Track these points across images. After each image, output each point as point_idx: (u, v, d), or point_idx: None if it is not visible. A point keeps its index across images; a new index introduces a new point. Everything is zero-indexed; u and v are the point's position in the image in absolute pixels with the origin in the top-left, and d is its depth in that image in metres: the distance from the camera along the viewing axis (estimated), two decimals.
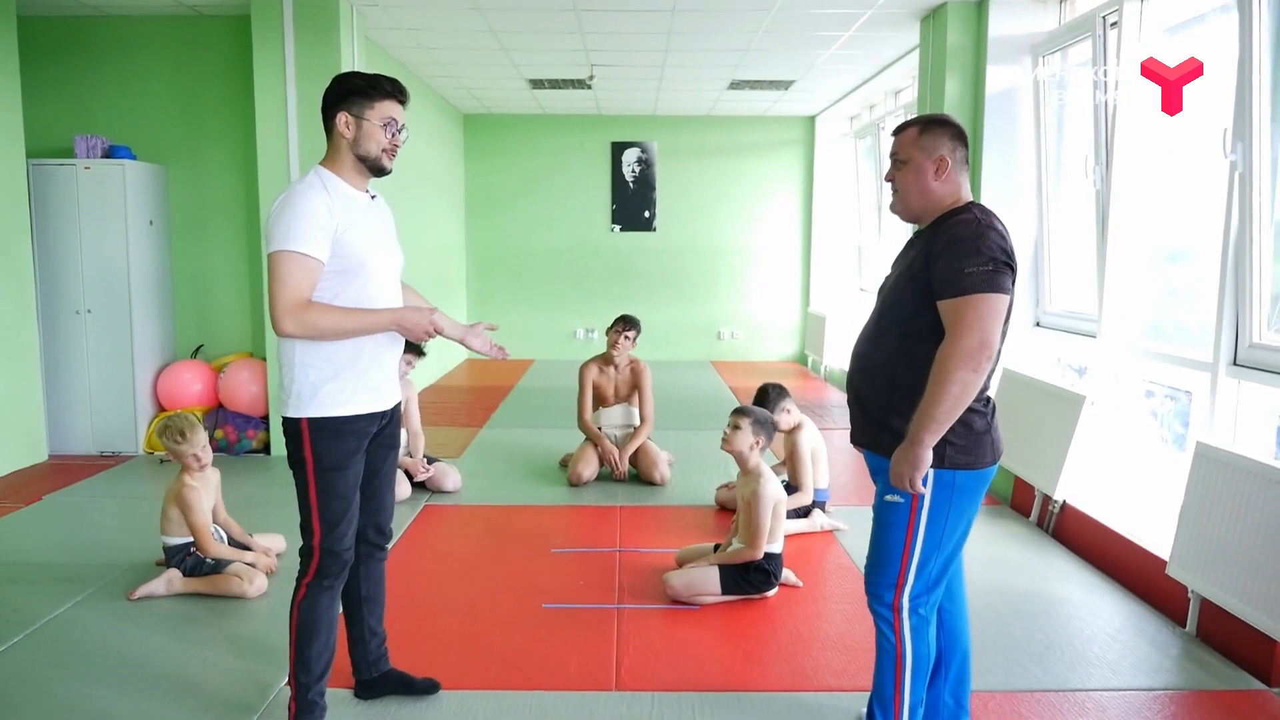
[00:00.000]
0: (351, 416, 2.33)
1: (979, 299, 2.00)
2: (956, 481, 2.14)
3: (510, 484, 5.03)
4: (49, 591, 3.39)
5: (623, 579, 3.60)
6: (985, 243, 2.03)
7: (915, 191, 2.21)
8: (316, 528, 2.34)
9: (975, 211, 2.13)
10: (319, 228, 2.21)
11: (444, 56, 6.96)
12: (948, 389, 1.99)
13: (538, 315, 10.18)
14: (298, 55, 5.27)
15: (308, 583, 2.37)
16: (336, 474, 2.32)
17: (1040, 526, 4.31)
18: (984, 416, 2.16)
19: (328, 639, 2.40)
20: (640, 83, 7.98)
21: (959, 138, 2.21)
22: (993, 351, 2.00)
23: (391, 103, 2.32)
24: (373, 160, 2.32)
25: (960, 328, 2.00)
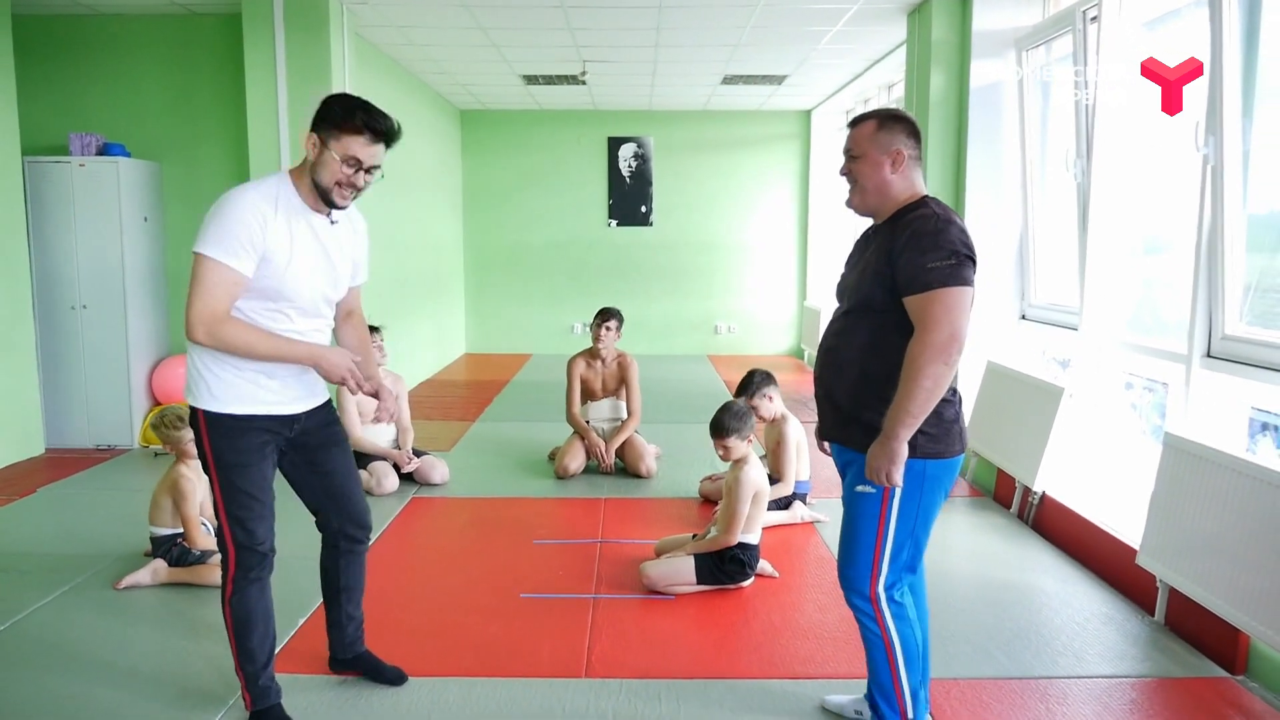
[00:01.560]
0: (248, 415, 2.28)
1: (945, 293, 2.04)
2: (927, 471, 2.18)
3: (498, 477, 5.08)
4: (38, 581, 3.46)
5: (601, 569, 3.65)
6: (946, 237, 2.07)
7: (872, 186, 2.24)
8: (225, 524, 2.32)
9: (933, 206, 2.17)
10: (248, 241, 2.15)
11: (436, 54, 7.01)
12: (920, 383, 2.03)
13: (534, 310, 10.23)
14: (288, 53, 5.32)
15: (232, 577, 2.35)
16: (239, 471, 2.29)
17: (1020, 518, 4.34)
18: (953, 406, 2.21)
19: (266, 627, 2.42)
20: (634, 78, 8.01)
21: (914, 134, 2.25)
22: (962, 344, 2.05)
23: (359, 140, 2.22)
24: (322, 190, 2.26)
25: (928, 322, 2.04)
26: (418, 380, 8.24)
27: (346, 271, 2.44)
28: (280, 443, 2.39)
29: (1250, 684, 2.78)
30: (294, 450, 2.45)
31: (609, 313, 5.23)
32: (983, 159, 5.24)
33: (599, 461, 5.08)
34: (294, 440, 2.42)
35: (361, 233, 2.53)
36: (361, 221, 2.54)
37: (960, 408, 2.24)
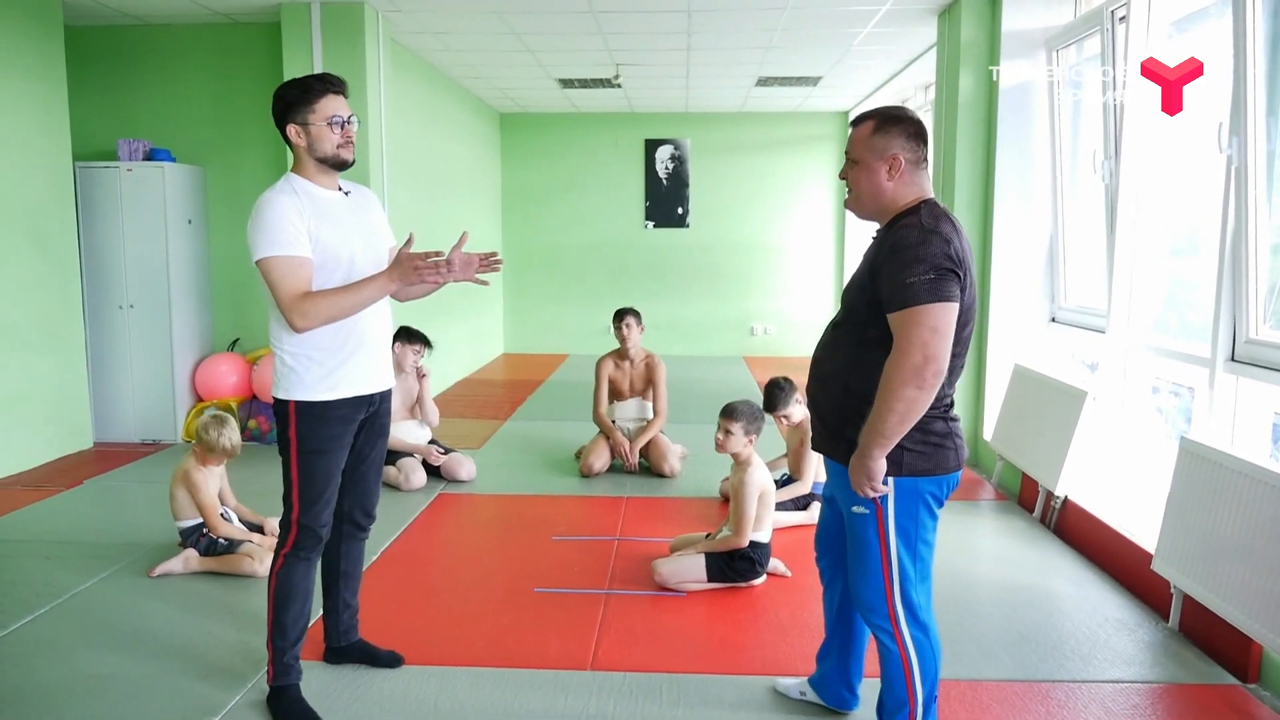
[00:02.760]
0: (337, 401, 2.45)
1: (922, 311, 1.98)
2: (919, 488, 2.15)
3: (524, 475, 5.17)
4: (79, 568, 3.63)
5: (616, 566, 3.71)
6: (928, 249, 2.00)
7: (867, 192, 2.19)
8: (296, 504, 2.49)
9: (922, 214, 2.10)
10: (293, 227, 2.33)
11: (473, 59, 7.14)
12: (892, 406, 2.00)
13: (572, 311, 10.33)
14: (325, 60, 5.48)
15: (285, 553, 2.51)
16: (318, 456, 2.46)
17: (1043, 523, 4.30)
18: (944, 420, 2.14)
19: (303, 607, 2.55)
20: (668, 81, 8.06)
21: (916, 135, 2.17)
22: (940, 366, 1.98)
23: (329, 98, 2.39)
24: (331, 159, 2.41)
25: (903, 343, 2.00)
26: (454, 380, 8.39)
27: (381, 229, 2.61)
28: (357, 428, 2.54)
29: (1262, 693, 2.75)
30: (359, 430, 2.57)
31: (624, 311, 5.31)
32: (1012, 160, 5.19)
33: (623, 460, 5.15)
34: (366, 419, 2.56)
35: (376, 202, 2.68)
36: (371, 193, 2.69)
37: (954, 423, 2.19)
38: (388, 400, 2.67)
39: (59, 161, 5.37)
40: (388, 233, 2.66)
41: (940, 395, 2.11)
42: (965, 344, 2.16)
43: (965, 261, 2.06)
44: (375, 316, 2.52)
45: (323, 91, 2.40)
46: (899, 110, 2.23)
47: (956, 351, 2.12)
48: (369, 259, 2.50)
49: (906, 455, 2.11)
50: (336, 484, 2.54)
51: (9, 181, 5.01)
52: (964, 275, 2.05)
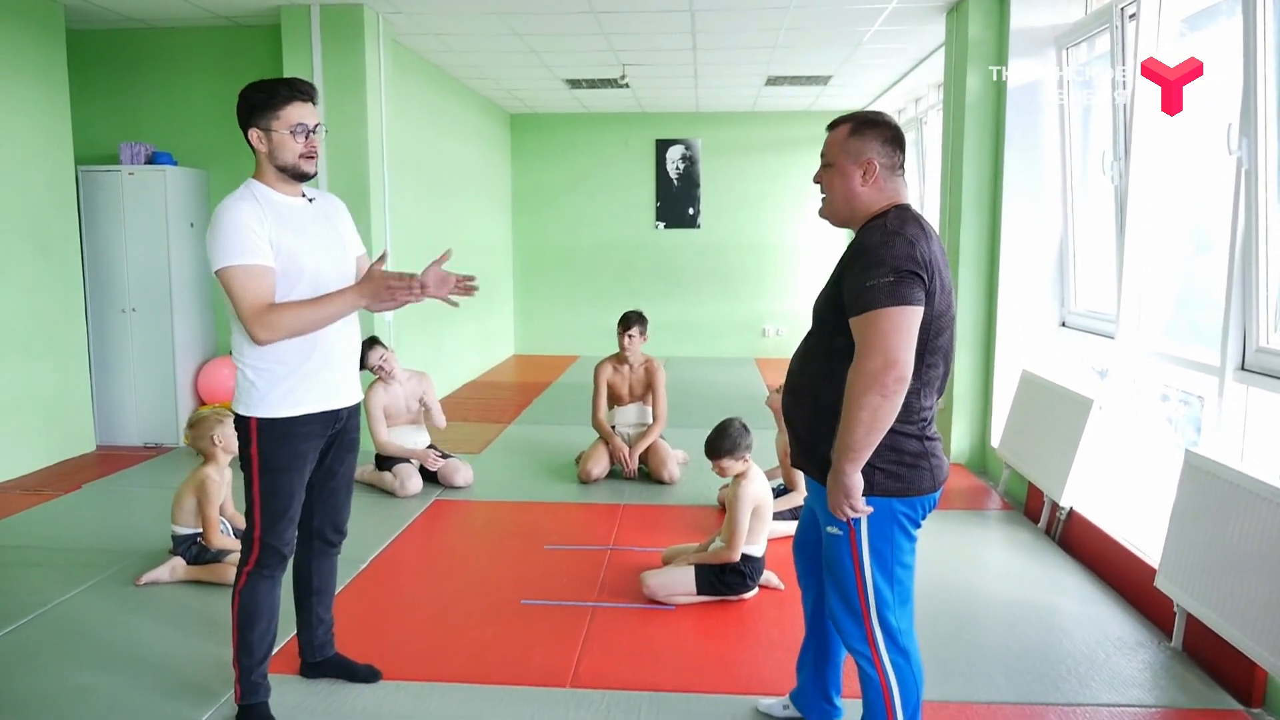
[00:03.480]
0: (301, 417, 2.39)
1: (880, 315, 1.90)
2: (893, 510, 2.06)
3: (523, 481, 5.12)
4: (65, 576, 3.61)
5: (607, 577, 3.65)
6: (889, 251, 1.93)
7: (840, 197, 2.13)
8: (258, 522, 2.43)
9: (888, 217, 2.04)
10: (253, 235, 2.26)
11: (477, 60, 7.09)
12: (856, 415, 1.92)
13: (582, 312, 10.28)
14: (325, 62, 5.45)
15: (248, 571, 2.46)
16: (281, 474, 2.41)
17: (1048, 534, 4.19)
18: (919, 440, 2.05)
19: (268, 624, 2.51)
20: (677, 80, 7.98)
21: (893, 141, 2.11)
22: (902, 371, 1.89)
23: (295, 105, 2.32)
24: (291, 168, 2.35)
25: (862, 348, 1.92)
26: (461, 382, 8.36)
27: (349, 236, 2.55)
28: (323, 444, 2.49)
29: (1266, 718, 2.64)
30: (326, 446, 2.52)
31: (631, 319, 5.23)
32: (1021, 160, 5.08)
33: (622, 467, 5.08)
34: (332, 435, 2.51)
35: (343, 210, 2.62)
36: (337, 200, 2.63)
37: (932, 443, 2.08)
38: (356, 415, 2.61)
39: (61, 165, 5.37)
40: (356, 241, 2.60)
41: (915, 412, 2.04)
42: (942, 355, 2.08)
43: (933, 265, 1.98)
44: (342, 330, 2.46)
45: (289, 98, 2.33)
46: (876, 115, 2.17)
47: (931, 362, 2.05)
48: (334, 268, 2.44)
49: (877, 475, 2.03)
50: (300, 501, 2.48)
51: (11, 186, 5.02)
52: (931, 279, 1.97)
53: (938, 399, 2.13)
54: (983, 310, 5.35)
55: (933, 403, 2.10)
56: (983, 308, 5.35)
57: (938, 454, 2.11)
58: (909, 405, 2.01)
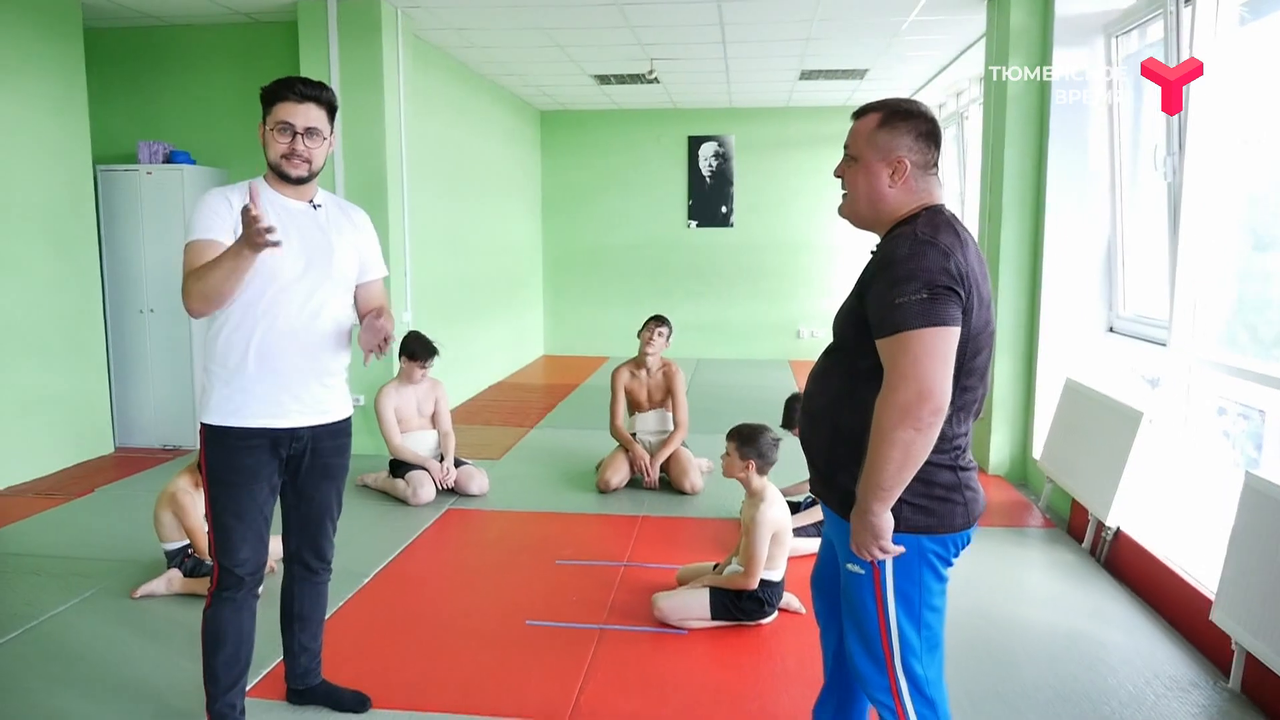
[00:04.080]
0: (241, 429, 2.25)
1: (912, 337, 1.66)
2: (921, 548, 1.83)
3: (540, 489, 4.95)
4: (63, 586, 3.51)
5: (618, 597, 3.46)
6: (920, 263, 1.69)
7: (864, 197, 1.88)
8: (211, 540, 2.32)
9: (919, 222, 1.79)
10: (219, 217, 2.21)
11: (501, 55, 6.94)
12: (887, 453, 1.69)
13: (613, 312, 10.11)
14: (341, 58, 5.33)
15: (210, 593, 2.36)
16: (226, 488, 2.28)
17: (1093, 555, 3.92)
18: (953, 470, 1.82)
19: (236, 651, 2.37)
20: (708, 75, 7.77)
21: (928, 136, 1.85)
22: (939, 402, 1.66)
23: (284, 104, 2.22)
24: (274, 167, 2.27)
25: (893, 376, 1.68)
26: (488, 383, 8.23)
27: (345, 252, 2.37)
28: (279, 461, 2.34)
29: None
30: (289, 468, 2.38)
31: (662, 318, 5.04)
32: (1067, 156, 4.79)
33: (643, 476, 4.89)
34: (294, 456, 2.36)
35: (363, 226, 2.48)
36: (361, 212, 2.50)
37: (967, 473, 1.85)
38: (335, 439, 2.43)
39: (79, 164, 5.31)
40: (366, 257, 2.45)
41: (948, 439, 1.81)
42: (979, 375, 1.85)
43: (971, 278, 1.74)
44: (294, 344, 2.27)
45: (280, 95, 2.24)
46: (909, 104, 1.89)
47: (967, 385, 1.81)
48: (321, 282, 2.30)
49: (905, 509, 1.80)
50: (253, 524, 2.31)
51: (29, 185, 4.97)
52: (969, 294, 1.73)
53: (972, 423, 1.91)
54: (1024, 313, 5.08)
55: (968, 428, 1.87)
56: (1025, 311, 5.07)
57: (973, 485, 1.88)
58: (941, 433, 1.77)
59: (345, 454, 2.51)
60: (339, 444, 2.47)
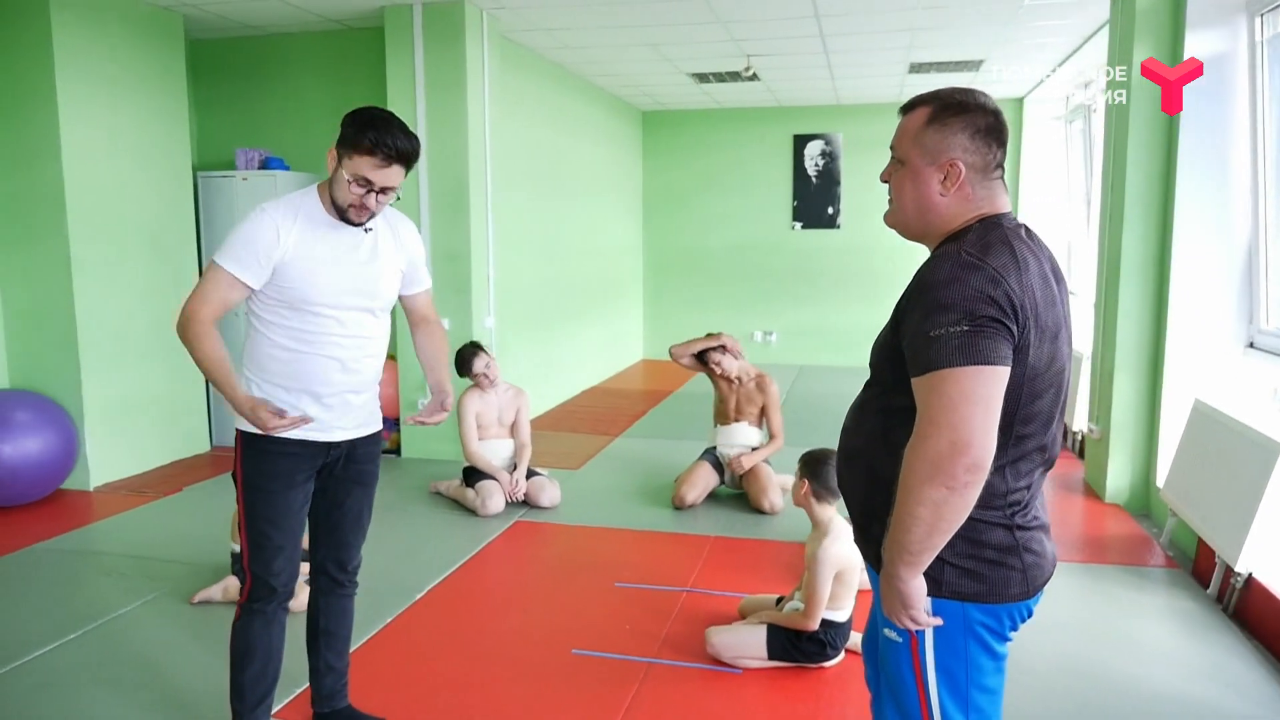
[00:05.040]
0: (282, 439, 2.20)
1: (947, 377, 1.39)
2: (969, 617, 1.55)
3: (614, 503, 4.78)
4: (130, 587, 3.57)
5: (673, 627, 3.25)
6: (962, 290, 1.41)
7: (911, 206, 1.61)
8: (244, 548, 2.27)
9: (968, 238, 1.51)
10: (260, 254, 2.13)
11: (595, 55, 6.82)
12: (915, 512, 1.42)
13: (714, 316, 9.84)
14: (426, 62, 5.31)
15: (241, 604, 2.31)
16: (261, 495, 2.24)
17: (1219, 603, 3.46)
18: (1007, 529, 1.54)
19: (264, 667, 2.31)
20: (811, 71, 7.44)
21: (988, 133, 1.54)
22: (978, 456, 1.38)
23: (369, 161, 2.08)
24: (338, 209, 2.18)
25: (924, 423, 1.42)
26: (581, 388, 8.14)
27: (390, 278, 2.32)
28: (314, 471, 2.31)
29: None
30: (320, 475, 2.34)
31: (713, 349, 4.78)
32: (1201, 152, 4.27)
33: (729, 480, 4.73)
34: (329, 467, 2.33)
35: (407, 238, 2.39)
36: (407, 225, 2.41)
37: (1029, 532, 1.55)
38: (363, 447, 2.37)
39: (179, 172, 5.48)
40: (416, 274, 2.41)
41: (1000, 494, 1.52)
42: (1042, 422, 1.55)
43: (1026, 307, 1.44)
44: (338, 370, 2.24)
45: (367, 150, 2.07)
46: (965, 95, 1.58)
47: (1025, 434, 1.52)
48: (341, 301, 2.22)
49: (948, 571, 1.53)
50: (290, 531, 2.27)
51: (133, 193, 5.15)
52: (1023, 327, 1.44)
53: (1041, 473, 1.61)
54: (1149, 326, 4.58)
55: (1029, 482, 1.57)
56: (1149, 323, 4.57)
57: (1036, 547, 1.57)
58: (991, 487, 1.49)
59: (377, 461, 2.47)
60: (372, 451, 2.44)
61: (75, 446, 4.80)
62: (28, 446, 4.49)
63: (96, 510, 4.60)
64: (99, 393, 4.95)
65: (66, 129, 4.68)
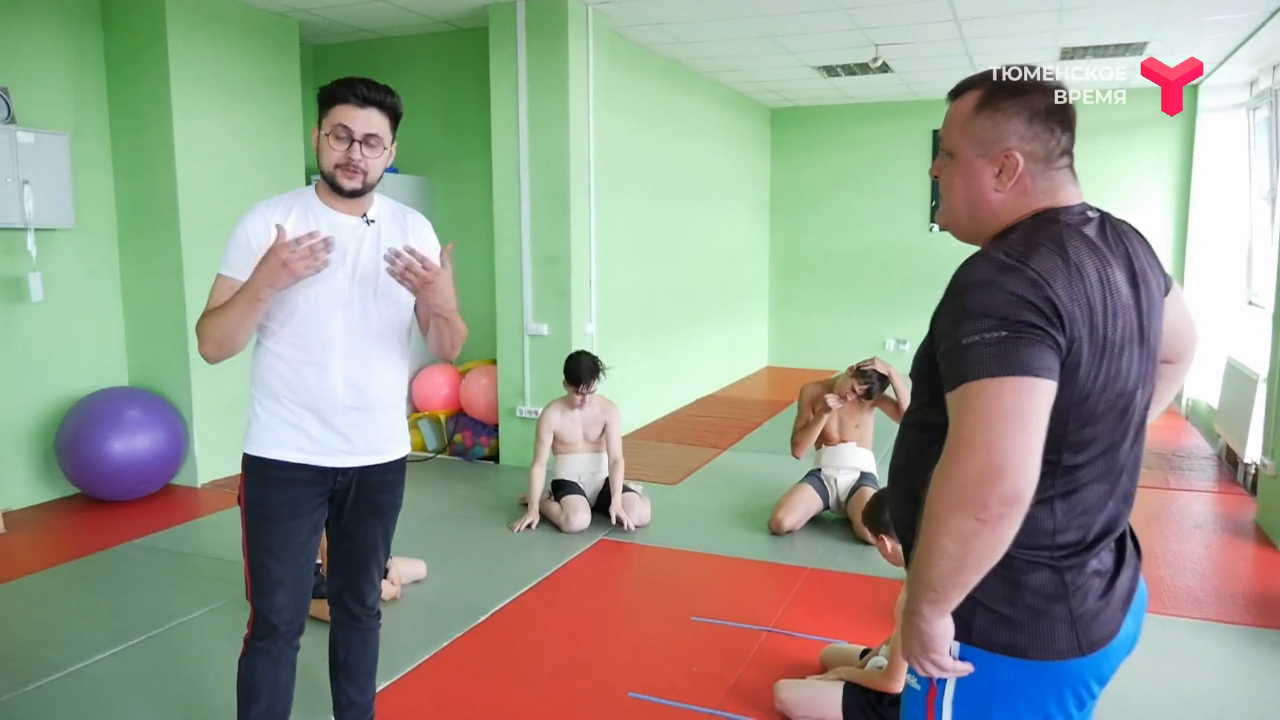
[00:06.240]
0: (282, 462, 2.07)
1: (981, 390, 1.15)
2: (996, 673, 1.27)
3: (706, 524, 4.48)
4: (201, 592, 3.55)
5: (745, 674, 2.93)
6: (996, 292, 1.18)
7: (962, 203, 1.37)
8: (247, 580, 2.12)
9: (1014, 236, 1.27)
10: (249, 249, 2.02)
11: (712, 50, 6.52)
12: (940, 545, 1.17)
13: (843, 322, 9.37)
14: (528, 61, 5.17)
15: (246, 638, 2.16)
16: (262, 524, 2.09)
17: None
18: (1053, 570, 1.26)
19: (270, 706, 2.16)
20: (948, 60, 6.87)
21: (1048, 116, 1.31)
22: (1015, 484, 1.12)
23: (344, 107, 1.98)
24: (328, 178, 2.04)
25: (954, 443, 1.17)
26: (696, 396, 7.85)
27: None
28: (324, 499, 2.16)
29: None
30: (334, 502, 2.19)
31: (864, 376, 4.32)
32: None
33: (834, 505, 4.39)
34: (338, 491, 2.17)
35: (419, 234, 2.20)
36: (420, 221, 2.23)
37: (1075, 574, 1.27)
38: (375, 475, 2.18)
39: (292, 175, 5.55)
40: None
41: (1044, 532, 1.26)
42: (1100, 452, 1.28)
43: (1079, 319, 1.20)
44: (340, 377, 2.06)
45: (340, 97, 2.00)
46: (1025, 76, 1.36)
47: (1076, 463, 1.26)
48: (368, 307, 2.07)
49: (980, 614, 1.26)
50: (292, 564, 2.11)
51: (242, 195, 5.19)
52: (1072, 338, 1.19)
53: (1115, 511, 1.31)
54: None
55: (1088, 521, 1.28)
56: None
57: (1092, 596, 1.27)
58: (1035, 522, 1.22)
59: (396, 491, 2.27)
60: (389, 480, 2.24)
61: (184, 444, 4.92)
62: (137, 443, 4.62)
63: (198, 507, 4.69)
64: (208, 392, 5.06)
65: (180, 134, 4.80)
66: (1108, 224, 1.33)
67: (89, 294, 4.91)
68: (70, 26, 4.73)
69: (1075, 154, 1.34)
